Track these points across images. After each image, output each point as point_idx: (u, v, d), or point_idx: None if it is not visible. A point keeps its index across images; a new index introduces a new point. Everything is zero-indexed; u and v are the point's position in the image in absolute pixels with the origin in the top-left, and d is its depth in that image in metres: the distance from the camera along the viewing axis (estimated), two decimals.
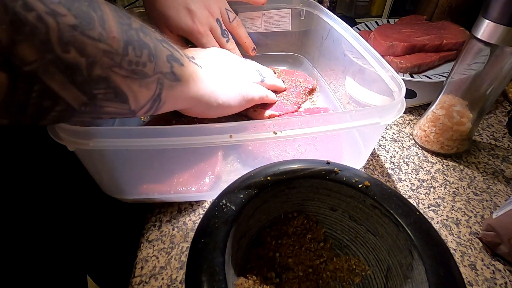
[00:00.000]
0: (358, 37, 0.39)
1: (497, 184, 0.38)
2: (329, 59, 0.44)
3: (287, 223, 0.27)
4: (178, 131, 0.26)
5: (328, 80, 0.49)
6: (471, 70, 0.35)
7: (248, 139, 0.27)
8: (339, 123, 0.29)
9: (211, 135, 0.26)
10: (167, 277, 0.29)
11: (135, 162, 0.31)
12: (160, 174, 0.33)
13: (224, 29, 0.44)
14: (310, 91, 0.48)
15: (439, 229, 0.34)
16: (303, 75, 0.49)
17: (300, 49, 0.57)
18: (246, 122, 0.28)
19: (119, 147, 0.26)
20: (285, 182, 0.24)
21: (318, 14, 0.48)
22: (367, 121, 0.29)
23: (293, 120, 0.28)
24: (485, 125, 0.47)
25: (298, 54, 0.57)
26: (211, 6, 0.43)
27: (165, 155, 0.31)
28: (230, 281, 0.19)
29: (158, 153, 0.30)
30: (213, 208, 0.21)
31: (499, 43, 0.32)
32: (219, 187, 0.34)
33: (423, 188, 0.38)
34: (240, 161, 0.37)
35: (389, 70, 0.34)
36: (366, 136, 0.36)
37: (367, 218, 0.25)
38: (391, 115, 0.30)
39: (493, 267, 0.31)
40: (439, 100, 0.40)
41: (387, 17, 0.69)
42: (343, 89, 0.45)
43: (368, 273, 0.25)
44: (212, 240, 0.19)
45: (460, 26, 0.54)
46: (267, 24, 0.52)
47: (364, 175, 0.25)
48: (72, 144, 0.25)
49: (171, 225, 0.33)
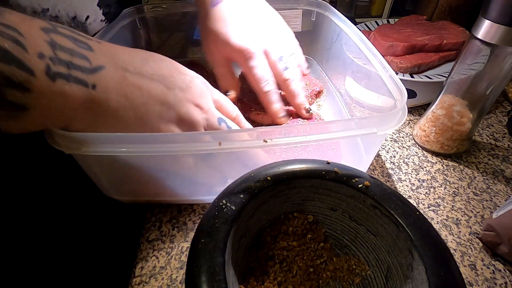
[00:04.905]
0: (366, 41, 0.39)
1: (497, 184, 0.38)
2: (337, 62, 0.44)
3: (287, 223, 0.27)
4: (168, 138, 0.25)
5: (336, 84, 0.49)
6: (471, 70, 0.35)
7: (237, 146, 0.26)
8: (333, 132, 0.27)
9: (200, 143, 0.26)
10: (167, 277, 0.29)
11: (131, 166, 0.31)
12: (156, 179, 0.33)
13: (283, 55, 0.38)
14: (316, 94, 0.47)
15: (439, 229, 0.34)
16: (309, 78, 0.48)
17: (309, 51, 0.56)
18: (233, 130, 0.28)
19: (111, 152, 0.25)
20: (285, 182, 0.24)
21: (329, 16, 0.48)
22: (363, 130, 0.28)
23: (283, 129, 0.27)
24: (485, 125, 0.47)
25: (307, 56, 0.56)
26: (273, 31, 0.39)
27: (160, 160, 0.30)
28: (230, 281, 0.19)
29: (152, 158, 0.29)
30: (213, 208, 0.21)
31: (499, 43, 0.32)
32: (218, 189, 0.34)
33: (423, 188, 0.38)
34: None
35: (394, 78, 0.33)
36: (367, 144, 0.36)
37: (367, 218, 0.25)
38: (389, 125, 0.28)
39: (493, 267, 0.31)
40: (439, 100, 0.40)
41: (387, 17, 0.69)
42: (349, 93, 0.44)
43: (368, 273, 0.25)
44: (212, 240, 0.19)
45: (460, 26, 0.54)
46: None
47: (364, 175, 0.25)
48: (67, 149, 0.25)
49: (171, 225, 0.33)
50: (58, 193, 0.35)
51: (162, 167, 0.31)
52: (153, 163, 0.30)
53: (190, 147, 0.26)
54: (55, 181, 0.35)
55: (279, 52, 0.38)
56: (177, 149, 0.26)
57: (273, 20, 0.41)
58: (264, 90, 0.37)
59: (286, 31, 0.41)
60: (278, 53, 0.37)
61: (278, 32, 0.40)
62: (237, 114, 0.33)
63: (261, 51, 0.36)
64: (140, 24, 0.48)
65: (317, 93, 0.47)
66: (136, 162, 0.29)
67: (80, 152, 0.24)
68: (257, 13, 0.40)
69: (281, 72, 0.37)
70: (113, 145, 0.25)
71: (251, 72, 0.36)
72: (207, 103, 0.29)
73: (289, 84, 0.38)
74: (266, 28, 0.39)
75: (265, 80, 0.36)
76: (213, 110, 0.29)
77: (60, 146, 0.24)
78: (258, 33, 0.37)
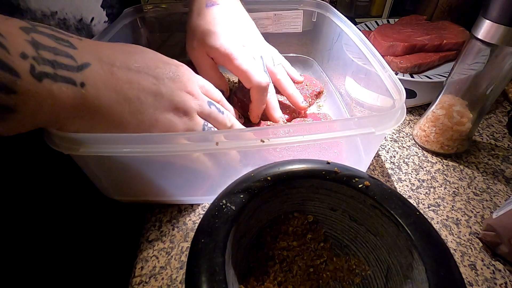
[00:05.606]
0: (366, 41, 0.39)
1: (497, 184, 0.38)
2: (337, 62, 0.44)
3: (287, 223, 0.27)
4: (165, 138, 0.25)
5: (336, 84, 0.49)
6: (471, 70, 0.35)
7: (234, 146, 0.26)
8: (331, 132, 0.27)
9: (197, 142, 0.26)
10: (167, 277, 0.29)
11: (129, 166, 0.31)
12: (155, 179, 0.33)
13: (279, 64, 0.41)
14: (316, 95, 0.47)
15: (439, 229, 0.34)
16: (310, 78, 0.48)
17: (310, 52, 0.56)
18: (232, 130, 0.28)
19: (110, 153, 0.25)
20: (285, 182, 0.24)
21: (330, 17, 0.48)
22: (361, 130, 0.28)
23: (281, 128, 0.27)
24: (485, 125, 0.47)
25: (308, 56, 0.57)
26: (261, 43, 0.41)
27: (158, 161, 0.30)
28: (230, 281, 0.19)
29: (150, 158, 0.29)
30: (213, 208, 0.21)
31: (499, 43, 0.32)
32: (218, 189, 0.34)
33: (423, 188, 0.38)
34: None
35: (393, 78, 0.33)
36: (366, 144, 0.36)
37: (367, 218, 0.25)
38: (387, 125, 0.28)
39: (493, 267, 0.31)
40: (439, 100, 0.40)
41: (387, 17, 0.69)
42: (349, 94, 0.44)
43: (368, 273, 0.25)
44: (212, 240, 0.19)
45: (460, 26, 0.54)
46: (278, 25, 0.52)
47: (364, 175, 0.25)
48: (65, 150, 0.24)
49: (171, 225, 0.33)
50: (58, 194, 0.35)
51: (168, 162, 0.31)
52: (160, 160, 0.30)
53: (190, 146, 0.26)
54: (55, 182, 0.35)
55: (264, 65, 0.39)
56: (176, 149, 0.26)
57: (258, 33, 0.43)
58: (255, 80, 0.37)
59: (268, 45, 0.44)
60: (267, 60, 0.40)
61: (264, 43, 0.42)
62: (221, 97, 0.34)
63: (250, 55, 0.37)
64: (140, 24, 0.49)
65: (317, 94, 0.47)
66: (135, 162, 0.29)
67: (78, 153, 0.24)
68: (246, 20, 0.41)
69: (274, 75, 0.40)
70: (111, 146, 0.25)
71: (239, 68, 0.36)
72: (196, 89, 0.30)
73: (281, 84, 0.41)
74: (255, 36, 0.41)
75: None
76: (202, 95, 0.30)
77: (58, 146, 0.24)
78: (248, 38, 0.38)
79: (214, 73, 0.39)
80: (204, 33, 0.36)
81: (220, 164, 0.31)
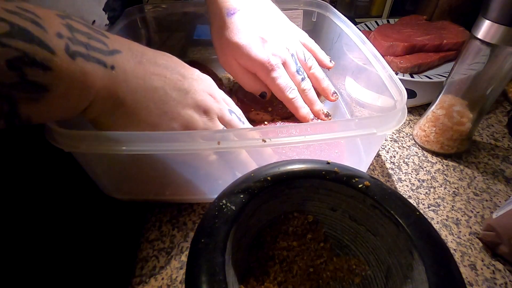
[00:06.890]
0: (366, 42, 0.39)
1: (497, 184, 0.38)
2: (337, 62, 0.44)
3: (287, 223, 0.27)
4: (166, 136, 0.25)
5: (336, 84, 0.49)
6: (471, 70, 0.35)
7: (236, 146, 0.27)
8: (332, 132, 0.27)
9: (199, 141, 0.26)
10: (167, 277, 0.29)
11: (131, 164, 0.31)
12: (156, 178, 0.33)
13: (300, 66, 0.40)
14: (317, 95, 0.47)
15: (439, 229, 0.34)
16: None
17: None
18: (233, 130, 0.28)
19: (111, 151, 0.25)
20: (285, 182, 0.24)
21: (330, 17, 0.48)
22: (362, 131, 0.28)
23: (281, 128, 0.27)
24: (485, 125, 0.47)
25: None
26: (289, 38, 0.39)
27: (158, 159, 0.30)
28: (230, 281, 0.19)
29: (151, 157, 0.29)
30: (213, 208, 0.21)
31: (499, 43, 0.32)
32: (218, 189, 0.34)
33: (423, 188, 0.38)
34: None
35: (394, 78, 0.33)
36: (367, 144, 0.36)
37: (367, 218, 0.25)
38: (388, 126, 0.28)
39: (493, 267, 0.31)
40: (439, 100, 0.40)
41: (387, 17, 0.69)
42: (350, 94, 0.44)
43: (368, 273, 0.25)
44: (212, 240, 0.19)
45: (460, 26, 0.54)
46: None
47: (364, 175, 0.25)
48: (66, 147, 0.25)
49: (171, 225, 0.33)
50: (58, 192, 0.35)
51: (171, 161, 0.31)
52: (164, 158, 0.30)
53: (191, 145, 0.26)
54: (55, 180, 0.35)
55: (296, 63, 0.39)
56: (176, 148, 0.26)
57: (284, 24, 0.42)
58: (290, 97, 0.38)
59: (297, 32, 0.43)
60: (295, 65, 0.39)
61: (292, 35, 0.41)
62: (240, 113, 0.34)
63: (280, 62, 0.38)
64: (140, 24, 0.49)
65: (317, 94, 0.47)
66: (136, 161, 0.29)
67: (79, 150, 0.25)
68: (270, 19, 0.40)
69: (298, 84, 0.39)
70: (112, 144, 0.25)
71: (274, 82, 0.37)
72: (218, 94, 0.31)
73: (307, 94, 0.40)
74: (281, 33, 0.40)
75: (289, 88, 0.38)
76: (223, 102, 0.31)
77: (59, 144, 0.24)
78: (275, 41, 0.38)
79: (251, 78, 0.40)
80: (233, 45, 0.37)
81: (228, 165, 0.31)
